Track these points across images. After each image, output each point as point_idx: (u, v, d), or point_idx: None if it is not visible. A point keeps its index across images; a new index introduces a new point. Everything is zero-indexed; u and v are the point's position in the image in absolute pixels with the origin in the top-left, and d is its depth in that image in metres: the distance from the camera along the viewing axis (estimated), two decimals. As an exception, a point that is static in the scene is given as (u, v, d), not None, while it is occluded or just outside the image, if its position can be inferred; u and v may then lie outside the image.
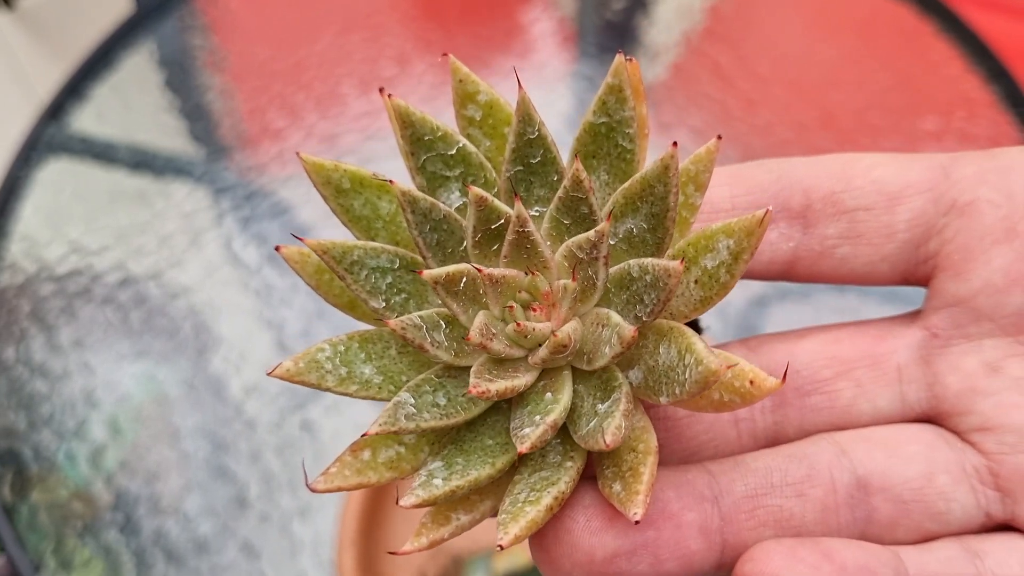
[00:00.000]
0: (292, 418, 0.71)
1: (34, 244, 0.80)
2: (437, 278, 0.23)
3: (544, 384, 0.24)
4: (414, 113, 0.24)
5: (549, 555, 0.23)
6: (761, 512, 0.23)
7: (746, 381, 0.22)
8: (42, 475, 0.70)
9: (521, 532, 0.22)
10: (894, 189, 0.25)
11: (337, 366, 0.24)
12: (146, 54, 0.91)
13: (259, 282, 0.77)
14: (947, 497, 0.24)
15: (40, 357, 0.75)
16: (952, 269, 0.25)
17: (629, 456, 0.23)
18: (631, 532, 0.22)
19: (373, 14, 0.93)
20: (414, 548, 0.23)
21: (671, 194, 0.22)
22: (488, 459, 0.23)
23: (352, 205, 0.26)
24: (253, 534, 0.67)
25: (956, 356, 0.25)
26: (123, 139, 0.86)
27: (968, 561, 0.23)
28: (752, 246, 0.22)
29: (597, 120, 0.24)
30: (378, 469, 0.24)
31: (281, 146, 0.85)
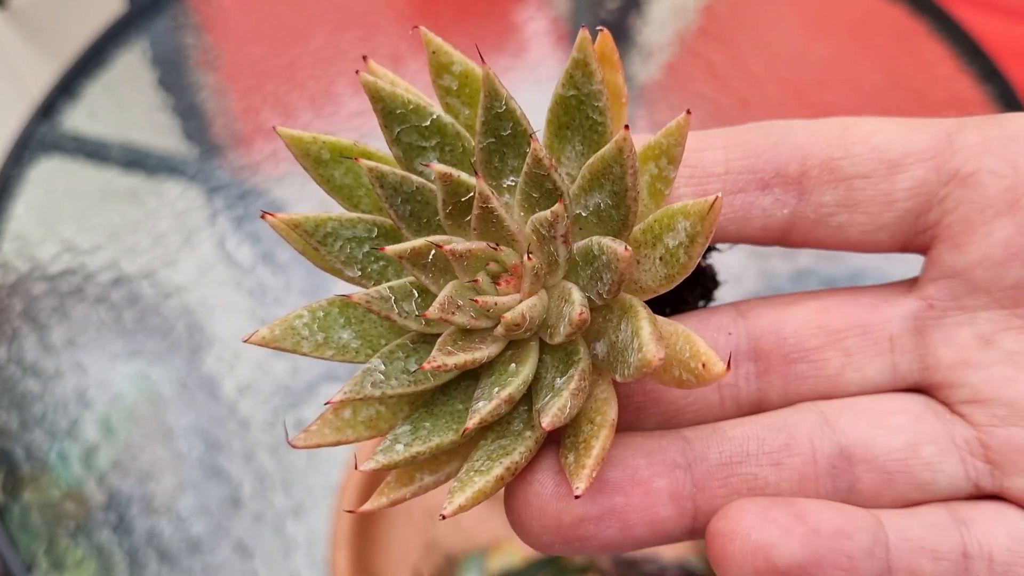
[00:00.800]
0: (286, 416, 0.71)
1: (26, 243, 0.80)
2: (402, 252, 0.23)
3: (511, 354, 0.24)
4: (383, 88, 0.25)
5: (520, 518, 0.23)
6: (734, 480, 0.23)
7: (699, 363, 0.22)
8: (34, 475, 0.70)
9: (466, 503, 0.22)
10: (894, 156, 0.25)
11: (314, 332, 0.24)
12: (139, 52, 0.91)
13: (252, 281, 0.77)
14: (933, 468, 0.23)
15: (32, 356, 0.74)
16: (951, 240, 0.24)
17: (586, 427, 0.23)
18: (599, 498, 0.22)
19: (367, 13, 0.93)
20: (374, 507, 0.23)
21: (627, 174, 0.22)
22: (454, 424, 0.24)
23: (333, 175, 0.26)
24: (247, 533, 0.67)
25: (950, 328, 0.24)
26: (116, 138, 0.86)
27: (954, 528, 0.23)
28: (706, 230, 0.22)
29: (567, 93, 0.24)
30: (356, 427, 0.24)
31: (275, 145, 0.85)
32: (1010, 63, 0.78)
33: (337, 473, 0.68)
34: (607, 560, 0.62)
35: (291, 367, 0.73)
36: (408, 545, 0.64)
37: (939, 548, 0.22)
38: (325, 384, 0.72)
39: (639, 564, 0.61)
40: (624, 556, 0.61)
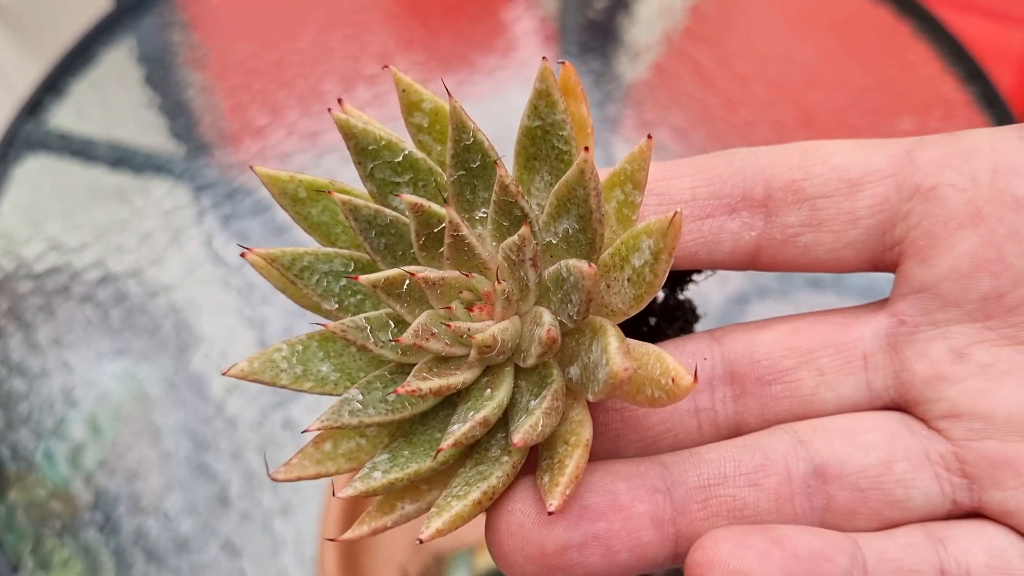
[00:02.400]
0: (274, 416, 0.71)
1: (12, 241, 0.79)
2: (375, 282, 0.24)
3: (487, 380, 0.25)
4: (355, 125, 0.25)
5: (503, 549, 0.23)
6: (714, 502, 0.23)
7: (669, 379, 0.22)
8: (20, 474, 0.69)
9: (444, 527, 0.22)
10: (854, 176, 0.25)
11: (293, 364, 0.25)
12: (126, 50, 0.91)
13: (240, 280, 0.77)
14: (906, 484, 0.24)
15: (18, 355, 0.74)
16: (918, 255, 0.24)
17: (561, 448, 0.23)
18: (581, 524, 0.22)
19: (356, 12, 0.93)
20: (355, 535, 0.23)
21: (591, 197, 0.23)
22: (432, 452, 0.24)
23: (310, 213, 0.26)
24: (234, 533, 0.67)
25: (923, 343, 0.24)
26: (102, 136, 0.85)
27: (930, 548, 0.23)
28: (669, 246, 0.22)
29: (532, 124, 0.25)
30: (337, 460, 0.25)
31: (262, 144, 0.85)
32: (993, 64, 0.79)
33: (325, 472, 0.68)
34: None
35: (279, 366, 0.73)
36: (396, 544, 0.64)
37: (917, 568, 0.22)
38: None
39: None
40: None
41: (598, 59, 0.89)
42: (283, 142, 0.84)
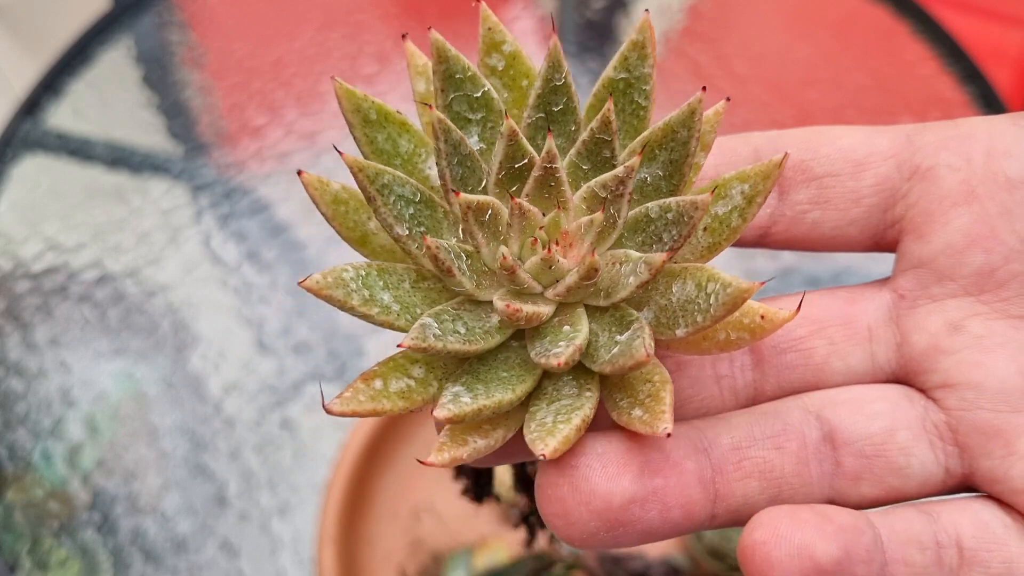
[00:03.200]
0: (271, 416, 0.71)
1: (9, 241, 0.79)
2: (470, 203, 0.23)
3: (559, 319, 0.25)
4: (450, 49, 0.25)
5: (565, 506, 0.23)
6: (747, 463, 0.24)
7: (756, 316, 0.23)
8: (18, 474, 0.69)
9: (559, 445, 0.22)
10: (859, 156, 0.26)
11: (360, 287, 0.24)
12: (123, 50, 0.90)
13: (238, 280, 0.77)
14: (907, 452, 0.24)
15: (15, 355, 0.74)
16: (915, 232, 0.26)
17: (645, 387, 0.23)
18: (643, 478, 0.23)
19: (353, 11, 0.93)
20: (437, 462, 0.23)
21: (692, 139, 0.23)
22: (508, 387, 0.24)
23: (376, 137, 0.26)
24: (232, 533, 0.67)
25: (921, 316, 0.25)
26: (100, 136, 0.85)
27: (926, 521, 0.24)
28: (767, 189, 0.23)
29: (617, 75, 0.25)
30: (391, 398, 0.24)
31: (260, 143, 0.85)
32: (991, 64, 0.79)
33: (323, 472, 0.68)
34: (593, 557, 0.62)
35: (277, 367, 0.73)
36: (394, 544, 0.64)
37: (920, 538, 0.23)
38: (311, 384, 0.72)
39: (624, 561, 0.61)
40: (610, 553, 0.62)
41: (596, 59, 0.89)
42: (281, 141, 0.84)
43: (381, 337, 0.74)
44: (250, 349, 0.73)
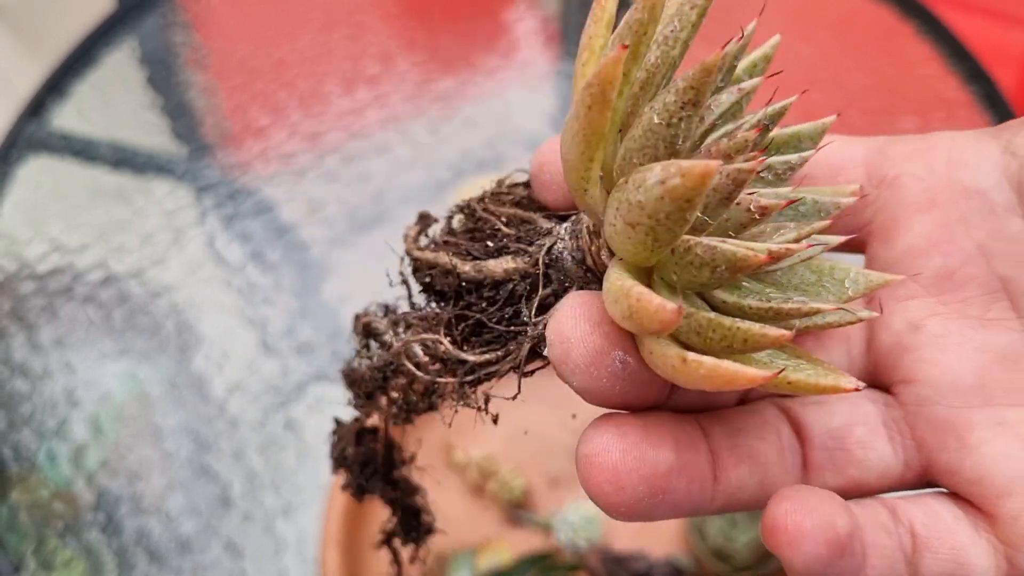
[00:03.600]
0: (275, 416, 0.71)
1: (14, 242, 0.79)
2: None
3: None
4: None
5: (616, 473, 0.23)
6: (739, 449, 0.25)
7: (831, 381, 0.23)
8: (22, 475, 0.69)
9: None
10: (836, 162, 0.28)
11: None
12: (127, 51, 0.91)
13: (242, 280, 0.77)
14: (864, 446, 0.26)
15: (20, 356, 0.74)
16: (882, 235, 0.27)
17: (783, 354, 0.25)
18: (679, 452, 0.24)
19: (356, 12, 0.93)
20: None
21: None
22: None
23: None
24: (236, 533, 0.67)
25: (887, 315, 0.27)
26: (104, 137, 0.85)
27: (884, 509, 0.25)
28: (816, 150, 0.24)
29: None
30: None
31: (264, 144, 0.85)
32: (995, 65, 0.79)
33: (326, 473, 0.68)
34: (596, 558, 0.62)
35: (280, 368, 0.73)
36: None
37: (887, 524, 0.24)
38: (314, 384, 0.72)
39: (627, 562, 0.61)
40: (613, 553, 0.62)
41: (599, 59, 0.89)
42: (285, 143, 0.85)
43: (384, 338, 0.74)
44: (254, 350, 0.74)
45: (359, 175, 0.82)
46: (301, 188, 0.82)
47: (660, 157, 0.22)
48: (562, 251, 0.25)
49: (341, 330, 0.75)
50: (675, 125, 0.22)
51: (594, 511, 0.63)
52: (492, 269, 0.26)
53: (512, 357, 0.26)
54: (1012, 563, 0.24)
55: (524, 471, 0.66)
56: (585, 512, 0.63)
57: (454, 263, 0.26)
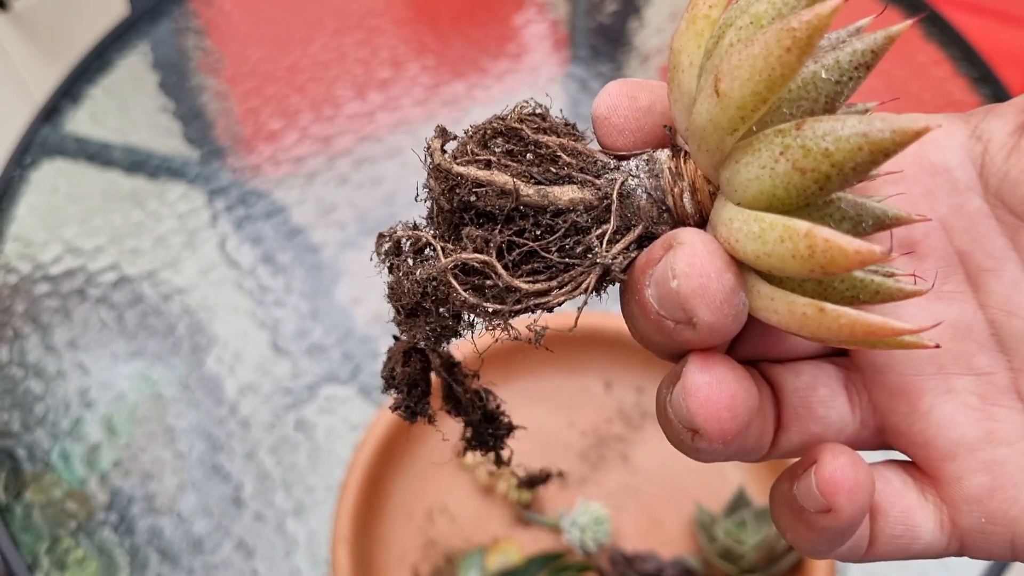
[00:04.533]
0: (286, 417, 0.71)
1: (29, 244, 0.80)
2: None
3: None
4: None
5: (717, 408, 0.24)
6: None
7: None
8: (36, 475, 0.70)
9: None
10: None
11: None
12: (141, 56, 0.91)
13: (253, 283, 0.78)
14: (826, 405, 0.27)
15: (34, 357, 0.75)
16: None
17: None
18: (757, 394, 0.25)
19: (367, 16, 0.94)
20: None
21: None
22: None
23: None
24: (247, 533, 0.67)
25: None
26: (118, 140, 0.86)
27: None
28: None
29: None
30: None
31: (276, 147, 0.85)
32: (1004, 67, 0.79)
33: (337, 473, 0.68)
34: (605, 558, 0.63)
35: (291, 369, 0.73)
36: (408, 544, 0.64)
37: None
38: (326, 385, 0.72)
39: (637, 562, 0.61)
40: (622, 554, 0.62)
41: (608, 63, 0.89)
42: (296, 146, 0.85)
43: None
44: (265, 351, 0.74)
45: (370, 178, 0.83)
46: (312, 191, 0.82)
47: (816, 112, 0.22)
48: (635, 188, 0.25)
49: (352, 332, 0.75)
50: (843, 83, 0.22)
51: (603, 512, 0.63)
52: (558, 196, 0.25)
53: (569, 289, 0.25)
54: (955, 523, 0.25)
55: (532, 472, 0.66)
56: (594, 513, 0.63)
57: (517, 185, 0.25)
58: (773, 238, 0.21)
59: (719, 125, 0.22)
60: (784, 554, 0.60)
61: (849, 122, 0.21)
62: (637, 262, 0.24)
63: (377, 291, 0.77)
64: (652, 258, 0.23)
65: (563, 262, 0.25)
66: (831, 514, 0.23)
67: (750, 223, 0.22)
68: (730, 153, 0.23)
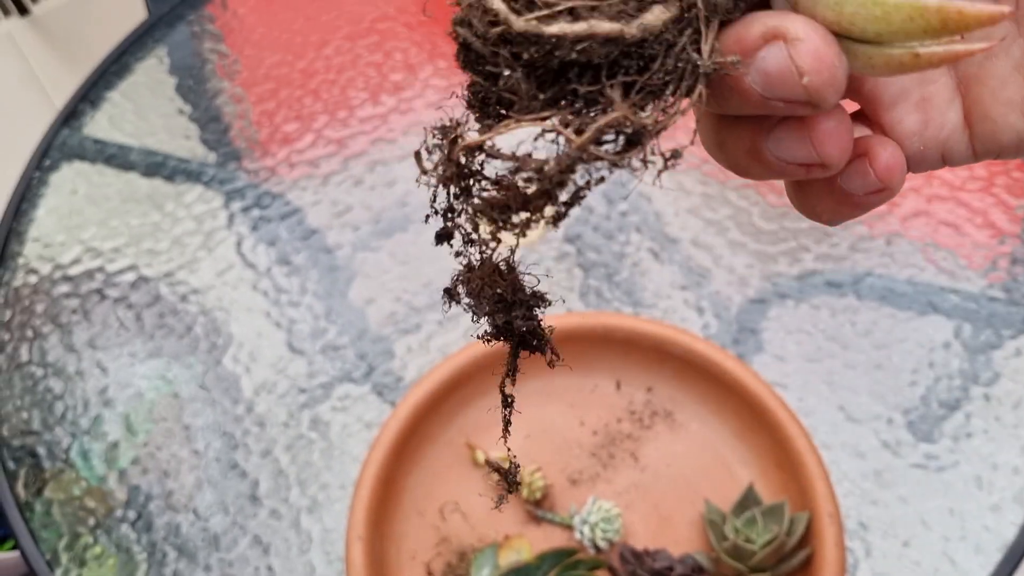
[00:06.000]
0: (301, 416, 0.72)
1: (48, 246, 0.82)
2: None
3: None
4: None
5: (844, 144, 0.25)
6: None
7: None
8: (56, 472, 0.71)
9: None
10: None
11: None
12: (158, 60, 0.93)
13: (268, 283, 0.79)
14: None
15: (54, 356, 0.76)
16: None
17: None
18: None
19: (380, 20, 0.95)
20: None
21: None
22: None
23: None
24: (263, 530, 0.68)
25: None
26: (136, 143, 0.87)
27: None
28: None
29: None
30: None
31: (290, 149, 0.86)
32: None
33: (352, 471, 0.69)
34: (615, 556, 0.63)
35: (307, 368, 0.74)
36: (421, 541, 0.65)
37: None
38: (341, 384, 0.73)
39: (648, 559, 0.62)
40: (633, 551, 0.62)
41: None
42: (311, 148, 0.86)
43: (410, 339, 0.75)
44: (281, 351, 0.75)
45: (384, 180, 0.84)
46: (326, 192, 0.83)
47: None
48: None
49: (366, 332, 0.76)
50: None
51: (614, 510, 0.64)
52: (653, 23, 0.24)
53: (674, 105, 0.24)
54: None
55: (543, 470, 0.67)
56: (605, 511, 0.64)
57: (619, 28, 0.23)
58: (900, 18, 0.23)
59: None
60: (794, 552, 0.61)
61: None
62: (727, 52, 0.24)
63: (390, 292, 0.78)
64: (749, 46, 0.24)
65: (664, 83, 0.24)
66: (884, 191, 0.26)
67: (868, 7, 0.23)
68: None
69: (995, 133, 0.27)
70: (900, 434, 0.69)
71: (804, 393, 0.70)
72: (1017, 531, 0.65)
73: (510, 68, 0.23)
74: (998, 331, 0.73)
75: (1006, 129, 0.27)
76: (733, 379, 0.65)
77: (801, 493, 0.62)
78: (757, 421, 0.65)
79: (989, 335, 0.72)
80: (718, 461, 0.67)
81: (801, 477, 0.62)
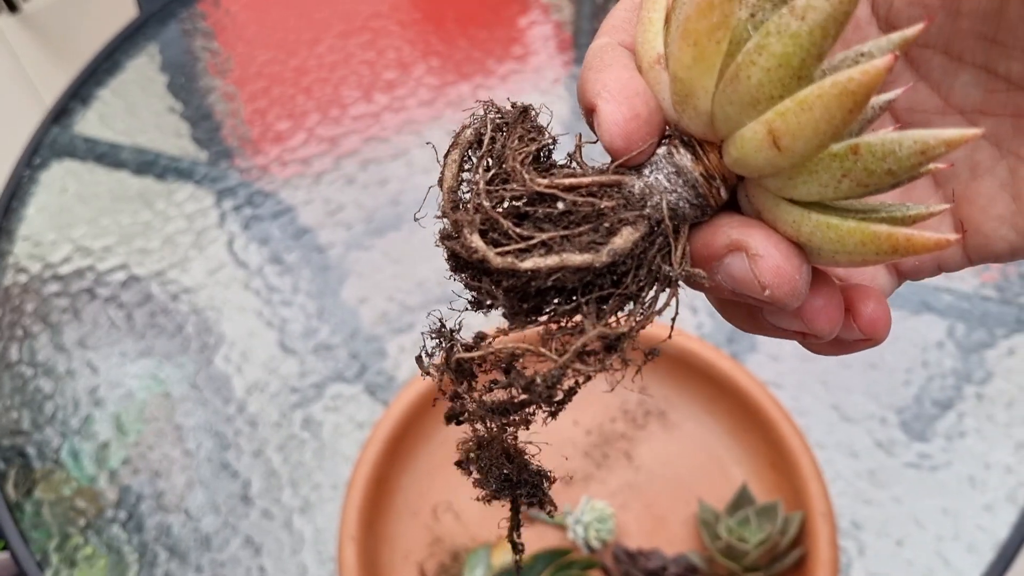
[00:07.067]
0: (293, 416, 0.72)
1: (38, 244, 0.81)
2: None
3: None
4: None
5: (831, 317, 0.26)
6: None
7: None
8: (46, 472, 0.71)
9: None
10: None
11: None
12: (149, 58, 0.92)
13: (260, 282, 0.78)
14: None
15: (44, 356, 0.76)
16: None
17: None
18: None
19: (372, 18, 0.94)
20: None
21: None
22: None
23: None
24: (255, 530, 0.68)
25: None
26: (126, 141, 0.87)
27: None
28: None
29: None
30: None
31: (282, 148, 0.86)
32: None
33: (344, 471, 0.69)
34: (609, 556, 0.63)
35: (299, 368, 0.74)
36: (414, 542, 0.65)
37: None
38: (332, 384, 0.73)
39: (641, 559, 0.62)
40: (627, 551, 0.62)
41: (613, 63, 0.90)
42: (303, 146, 0.86)
43: (403, 338, 0.75)
44: (273, 350, 0.75)
45: (376, 178, 0.83)
46: (319, 191, 0.83)
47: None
48: (678, 202, 0.26)
49: (358, 331, 0.76)
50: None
51: (607, 509, 0.64)
52: (622, 247, 0.25)
53: (648, 308, 0.26)
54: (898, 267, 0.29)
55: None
56: (598, 511, 0.64)
57: (589, 260, 0.25)
58: (853, 242, 0.24)
59: (778, 167, 0.24)
60: (787, 551, 0.61)
61: (904, 143, 0.22)
62: (695, 254, 0.26)
63: (383, 291, 0.78)
64: (714, 253, 0.25)
65: (639, 290, 0.26)
66: (870, 341, 0.26)
67: (823, 229, 0.24)
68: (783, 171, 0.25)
69: (988, 245, 0.28)
70: (893, 433, 0.69)
71: (798, 392, 0.70)
72: (1010, 530, 0.65)
73: (491, 294, 0.26)
74: (991, 330, 0.73)
75: (998, 241, 0.28)
76: (727, 379, 0.65)
77: (795, 492, 0.62)
78: (751, 420, 0.65)
79: (982, 334, 0.73)
80: (712, 461, 0.67)
81: (795, 477, 0.62)
